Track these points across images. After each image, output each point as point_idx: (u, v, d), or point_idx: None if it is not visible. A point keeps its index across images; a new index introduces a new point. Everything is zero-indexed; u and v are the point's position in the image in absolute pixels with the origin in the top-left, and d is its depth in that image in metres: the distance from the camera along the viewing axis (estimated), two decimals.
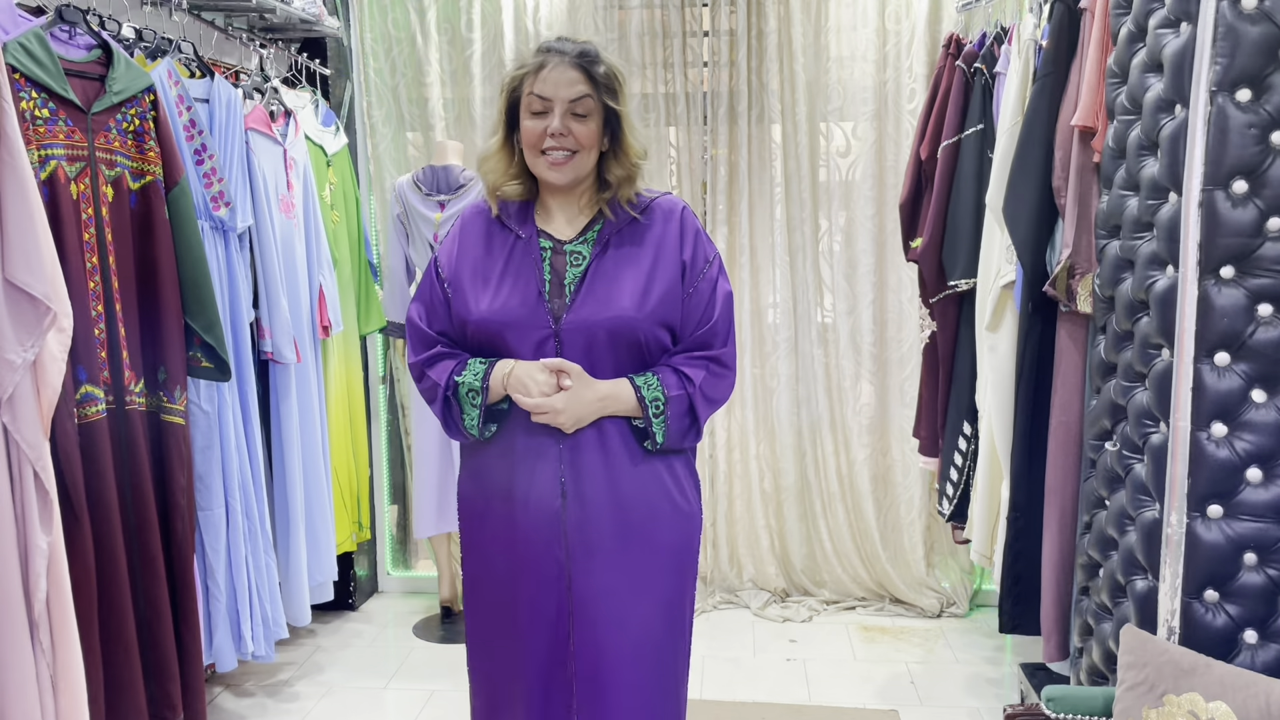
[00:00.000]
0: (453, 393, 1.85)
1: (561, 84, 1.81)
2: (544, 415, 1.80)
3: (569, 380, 1.80)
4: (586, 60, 1.83)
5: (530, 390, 1.79)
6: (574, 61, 1.82)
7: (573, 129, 1.81)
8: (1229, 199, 1.85)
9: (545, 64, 1.82)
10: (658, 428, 1.85)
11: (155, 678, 2.49)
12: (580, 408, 1.80)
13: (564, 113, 1.81)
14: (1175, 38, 1.97)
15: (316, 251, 3.29)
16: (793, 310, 3.88)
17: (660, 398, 1.84)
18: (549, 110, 1.81)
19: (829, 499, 3.93)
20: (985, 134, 2.99)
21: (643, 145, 1.90)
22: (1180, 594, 1.93)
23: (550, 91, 1.81)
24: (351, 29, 3.88)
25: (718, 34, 3.80)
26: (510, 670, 1.92)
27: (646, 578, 1.89)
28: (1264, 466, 1.88)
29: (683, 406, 1.86)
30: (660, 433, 1.85)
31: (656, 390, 1.84)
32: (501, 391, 1.83)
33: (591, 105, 1.83)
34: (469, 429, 1.87)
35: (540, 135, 1.82)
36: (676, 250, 1.89)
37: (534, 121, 1.83)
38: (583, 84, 1.82)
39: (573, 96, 1.81)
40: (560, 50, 1.83)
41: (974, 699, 3.16)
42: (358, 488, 3.71)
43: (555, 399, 1.79)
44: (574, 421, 1.81)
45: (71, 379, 2.21)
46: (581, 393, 1.80)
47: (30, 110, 2.19)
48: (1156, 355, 2.06)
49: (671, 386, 1.85)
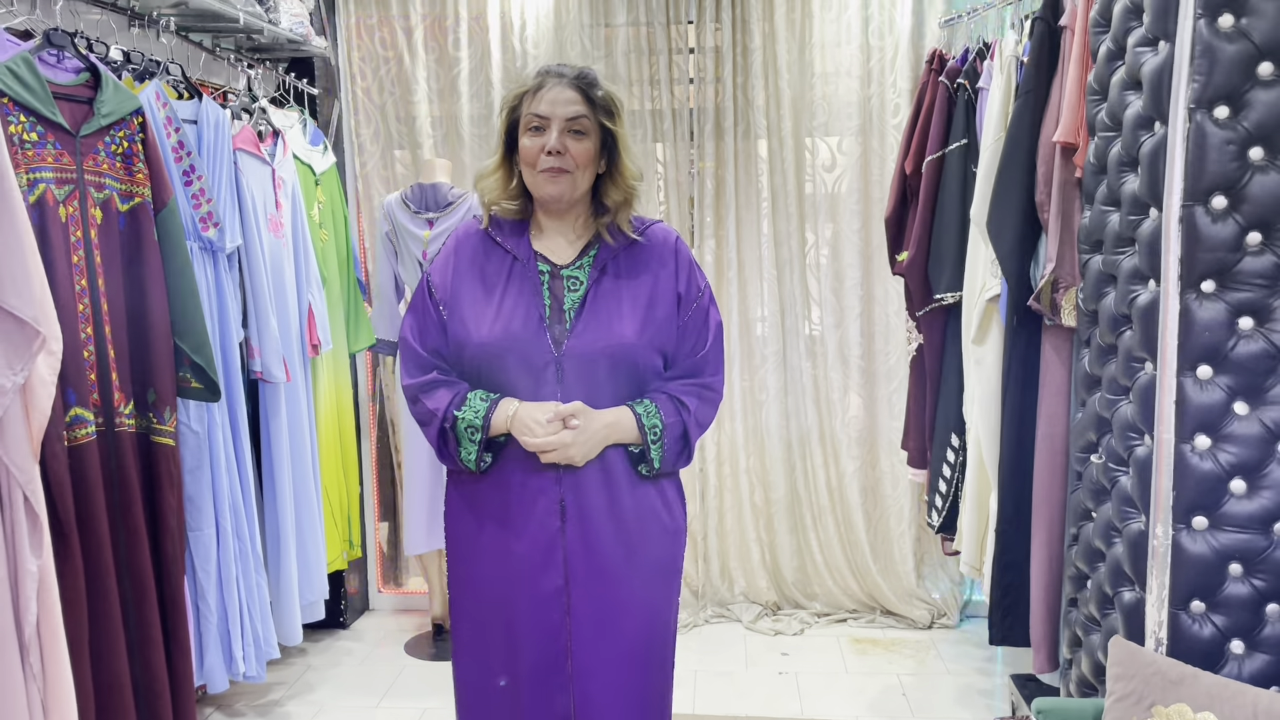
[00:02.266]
0: (450, 426, 1.86)
1: (559, 102, 1.84)
2: (553, 454, 1.81)
3: (576, 421, 1.81)
4: (585, 82, 1.87)
5: (535, 431, 1.80)
6: (572, 83, 1.86)
7: (569, 147, 1.84)
8: (1209, 214, 1.88)
9: (544, 85, 1.86)
10: (655, 453, 1.88)
11: (146, 699, 2.48)
12: (588, 440, 1.82)
13: (561, 130, 1.84)
14: (1154, 56, 2.00)
15: (305, 270, 3.30)
16: (780, 323, 3.90)
17: (659, 425, 1.87)
18: (546, 128, 1.84)
19: (819, 511, 3.95)
20: (969, 149, 3.02)
21: (639, 167, 1.94)
22: (1167, 605, 1.95)
23: (548, 110, 1.84)
24: (339, 48, 3.89)
25: (704, 51, 3.83)
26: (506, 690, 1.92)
27: (640, 595, 1.91)
28: (1247, 478, 1.90)
29: (678, 432, 1.89)
30: (657, 459, 1.88)
31: (655, 418, 1.87)
32: (504, 430, 1.84)
33: (588, 125, 1.86)
34: (466, 462, 1.88)
35: (538, 152, 1.84)
36: (672, 281, 1.92)
37: (532, 139, 1.85)
38: (580, 104, 1.85)
39: (570, 115, 1.84)
40: (559, 73, 1.87)
41: (965, 710, 3.17)
42: (348, 506, 3.70)
43: (565, 434, 1.80)
44: (585, 455, 1.83)
45: (61, 402, 2.21)
46: (588, 426, 1.82)
47: (19, 134, 2.19)
48: (1140, 369, 2.08)
49: (669, 414, 1.88)
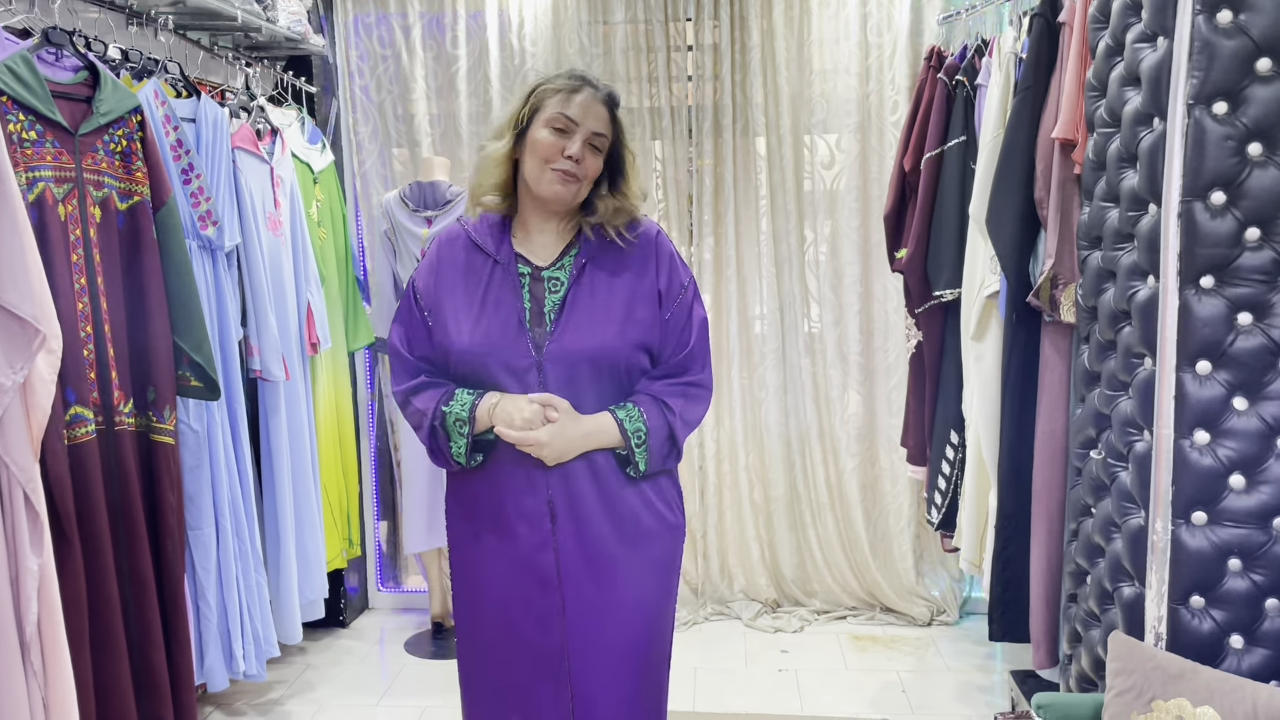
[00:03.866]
0: (439, 422, 1.87)
1: (591, 114, 1.87)
2: (529, 448, 1.83)
3: (555, 413, 1.82)
4: (612, 102, 1.92)
5: (515, 423, 1.81)
6: (604, 99, 1.89)
7: (586, 159, 1.86)
8: (1208, 210, 1.88)
9: (580, 90, 1.87)
10: (640, 457, 1.88)
11: (147, 698, 2.48)
12: (564, 443, 1.83)
13: (584, 140, 1.85)
14: (1152, 52, 2.00)
15: (304, 269, 3.29)
16: (780, 321, 3.90)
17: (642, 429, 1.86)
18: (572, 132, 1.85)
19: (818, 509, 3.95)
20: (968, 146, 3.02)
21: (643, 189, 1.97)
22: (1167, 600, 1.95)
23: (579, 116, 1.85)
24: (337, 46, 3.89)
25: (702, 48, 3.83)
26: (507, 688, 1.93)
27: (635, 592, 1.91)
28: (1246, 473, 1.90)
29: (663, 435, 1.89)
30: (643, 462, 1.88)
31: (638, 421, 1.87)
32: (488, 422, 1.85)
33: (604, 144, 1.89)
34: (456, 457, 1.89)
35: (557, 152, 1.84)
36: (653, 276, 1.93)
37: (554, 136, 1.85)
38: (606, 124, 1.89)
39: (596, 130, 1.87)
40: (594, 85, 1.90)
41: (965, 707, 3.18)
42: (347, 504, 3.70)
43: (540, 432, 1.81)
44: (557, 456, 1.83)
45: (61, 400, 2.21)
46: (566, 428, 1.82)
47: (17, 133, 2.19)
48: (1139, 364, 2.08)
49: (653, 417, 1.88)
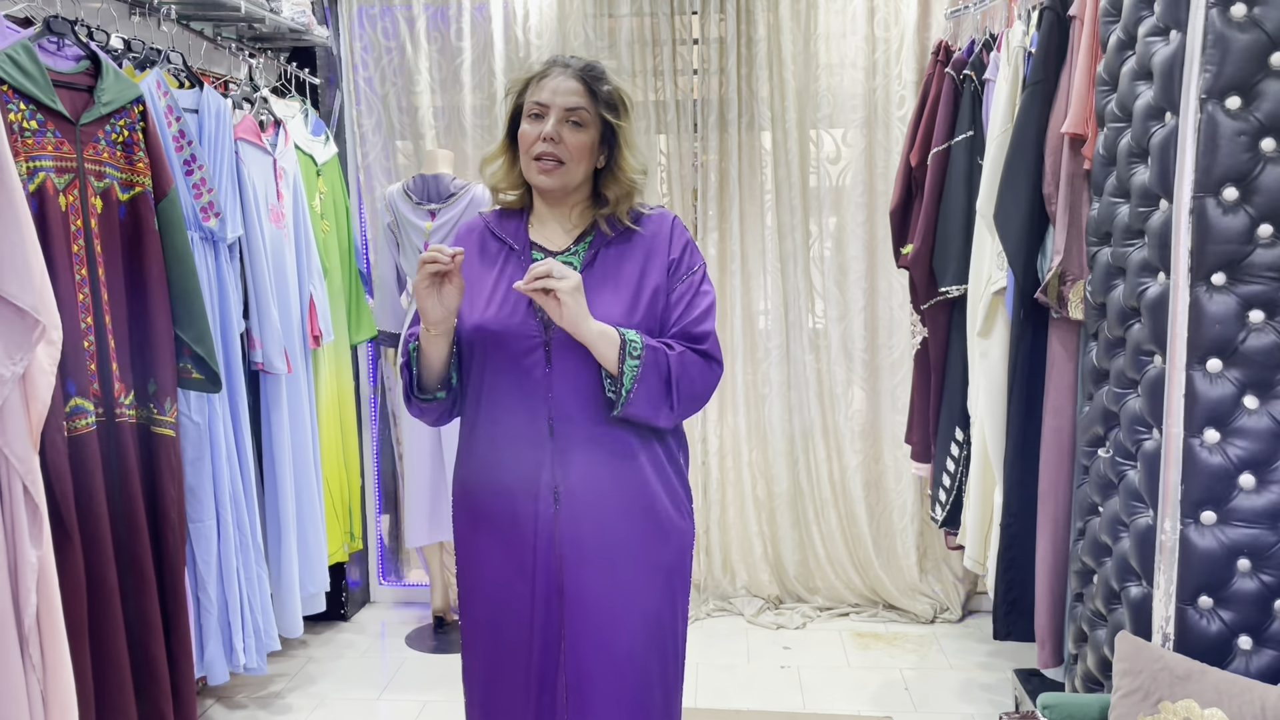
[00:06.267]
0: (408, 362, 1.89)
1: (560, 91, 1.82)
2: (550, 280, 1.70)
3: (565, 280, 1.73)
4: (590, 74, 1.85)
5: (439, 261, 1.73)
6: (577, 73, 1.84)
7: (565, 137, 1.82)
8: (1220, 206, 1.86)
9: (548, 73, 1.84)
10: (629, 369, 1.77)
11: (147, 691, 2.47)
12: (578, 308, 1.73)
13: (559, 120, 1.82)
14: (1165, 45, 1.98)
15: (307, 261, 3.28)
16: (784, 316, 3.88)
17: (638, 342, 1.78)
18: (545, 115, 1.83)
19: (821, 505, 3.93)
20: (975, 141, 3.00)
21: (641, 163, 1.90)
22: (1175, 600, 1.93)
23: (548, 98, 1.82)
24: (340, 38, 3.87)
25: (707, 42, 3.81)
26: (505, 679, 1.92)
27: (636, 591, 1.88)
28: (1256, 472, 1.88)
29: (659, 365, 1.79)
30: (630, 378, 1.77)
31: (637, 337, 1.79)
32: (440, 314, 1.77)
33: (587, 117, 1.83)
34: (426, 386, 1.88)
35: (534, 139, 1.83)
36: (665, 251, 1.89)
37: (530, 126, 1.84)
38: (581, 95, 1.83)
39: (569, 105, 1.82)
40: (566, 63, 1.86)
41: (968, 705, 3.16)
42: (349, 498, 3.69)
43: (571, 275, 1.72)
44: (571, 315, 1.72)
45: (61, 392, 2.19)
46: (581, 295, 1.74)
47: (18, 122, 2.17)
48: (1149, 362, 2.06)
49: (654, 349, 1.79)
